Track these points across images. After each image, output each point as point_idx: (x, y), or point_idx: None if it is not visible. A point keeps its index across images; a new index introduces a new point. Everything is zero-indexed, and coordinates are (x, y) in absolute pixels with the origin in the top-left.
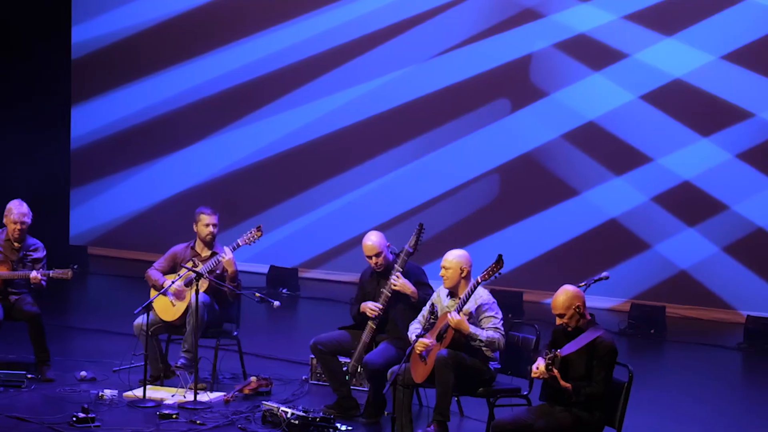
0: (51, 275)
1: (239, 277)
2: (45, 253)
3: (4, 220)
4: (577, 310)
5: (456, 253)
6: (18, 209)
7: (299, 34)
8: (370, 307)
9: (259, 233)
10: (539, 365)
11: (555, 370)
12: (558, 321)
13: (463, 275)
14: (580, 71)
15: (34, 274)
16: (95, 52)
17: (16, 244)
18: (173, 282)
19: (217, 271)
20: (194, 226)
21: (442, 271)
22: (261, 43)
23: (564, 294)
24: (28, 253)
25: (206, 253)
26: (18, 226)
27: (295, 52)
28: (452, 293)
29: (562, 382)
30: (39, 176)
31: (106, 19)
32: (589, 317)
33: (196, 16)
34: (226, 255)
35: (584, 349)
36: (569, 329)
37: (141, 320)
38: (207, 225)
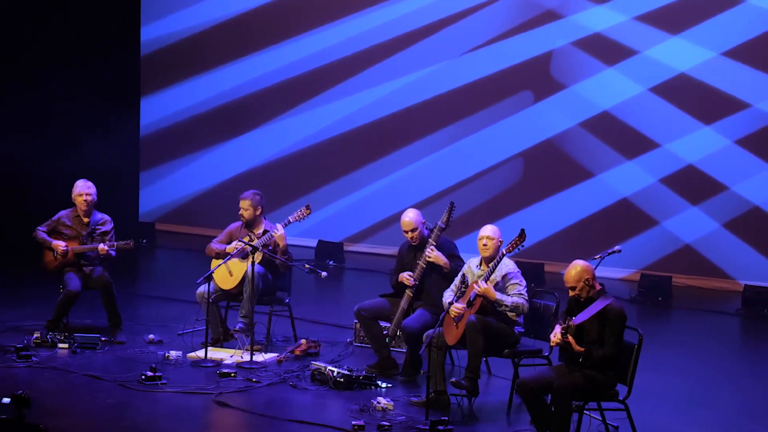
0: (116, 246)
1: (290, 251)
2: (113, 226)
3: (72, 197)
4: (587, 282)
5: (495, 227)
6: (83, 185)
7: (346, 32)
8: (407, 277)
9: (308, 211)
10: (556, 333)
11: (570, 337)
12: (570, 293)
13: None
14: (596, 66)
15: (101, 246)
16: (161, 49)
17: (84, 219)
18: (231, 255)
19: (270, 246)
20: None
21: (486, 241)
22: (312, 41)
23: (574, 269)
24: (96, 227)
25: (260, 228)
26: (83, 198)
27: (343, 48)
28: (482, 263)
29: (577, 347)
30: (112, 160)
31: (171, 20)
32: (599, 287)
33: (253, 16)
34: (278, 231)
35: (596, 317)
36: (582, 299)
37: (203, 289)
38: (240, 209)
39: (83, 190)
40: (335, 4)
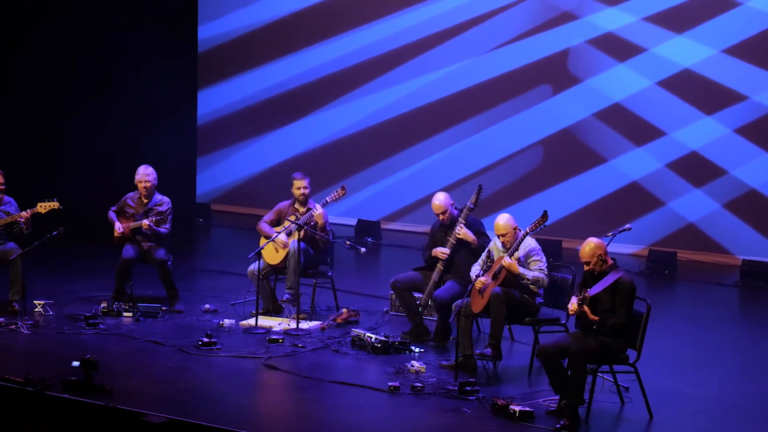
0: (154, 220)
1: (330, 227)
2: (170, 206)
3: (135, 182)
4: (600, 257)
5: (506, 222)
6: (144, 171)
7: (383, 32)
8: (440, 251)
9: (343, 192)
10: (573, 303)
11: (585, 307)
12: (585, 267)
13: (516, 228)
14: (608, 62)
15: (145, 222)
16: (217, 46)
17: (145, 200)
18: (278, 233)
19: (312, 223)
20: (291, 188)
21: (502, 239)
22: (352, 39)
23: (588, 246)
24: (154, 207)
25: (303, 209)
26: (144, 184)
27: (380, 46)
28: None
29: (591, 316)
30: (172, 148)
31: (225, 21)
32: (611, 262)
33: (299, 17)
34: (317, 210)
35: (609, 288)
36: (595, 273)
37: (253, 267)
38: (299, 188)
39: (143, 176)
40: (373, 6)
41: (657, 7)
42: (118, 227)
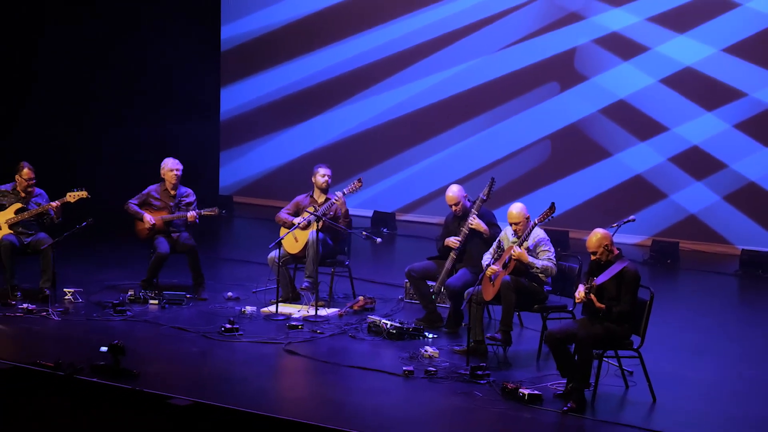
0: (203, 213)
1: (350, 215)
2: (195, 197)
3: (162, 173)
4: (606, 248)
5: (520, 211)
6: (173, 163)
7: (398, 31)
8: (454, 240)
9: (360, 184)
10: (580, 291)
11: (592, 295)
12: (592, 257)
13: (528, 217)
14: (613, 60)
15: (191, 214)
16: (238, 46)
17: (172, 191)
18: (298, 224)
19: (330, 213)
20: (312, 177)
21: (514, 227)
22: (368, 38)
23: (594, 236)
24: (181, 198)
25: (321, 198)
26: (173, 173)
27: (396, 45)
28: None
29: (598, 304)
30: (196, 142)
31: (246, 21)
32: (616, 252)
33: (318, 17)
34: (339, 197)
35: (614, 277)
36: (602, 262)
37: (273, 254)
38: (323, 175)
39: (173, 166)
40: (388, 7)
41: (660, 8)
42: (150, 219)
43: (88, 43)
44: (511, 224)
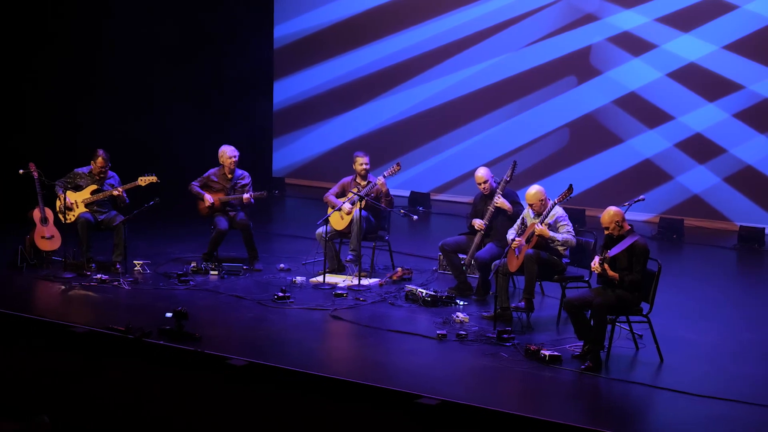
0: (254, 195)
1: (390, 195)
2: (250, 179)
3: (220, 159)
4: (618, 223)
5: (537, 192)
6: (231, 149)
7: (433, 30)
8: (479, 222)
9: (398, 168)
10: (595, 263)
11: (606, 265)
12: (606, 232)
13: (543, 199)
14: (625, 57)
15: (245, 196)
16: (291, 43)
17: (229, 175)
18: (344, 202)
19: (372, 194)
20: (353, 164)
21: (530, 207)
22: (407, 36)
23: (607, 213)
24: (237, 181)
25: (363, 182)
26: (232, 160)
27: (431, 42)
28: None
29: (611, 273)
30: (252, 130)
31: (297, 21)
32: (628, 227)
33: (363, 17)
34: (380, 180)
35: (626, 250)
36: (614, 237)
37: (321, 230)
38: (361, 164)
39: (231, 153)
40: (425, 8)
41: (667, 9)
42: (209, 198)
43: (154, 37)
44: (528, 205)
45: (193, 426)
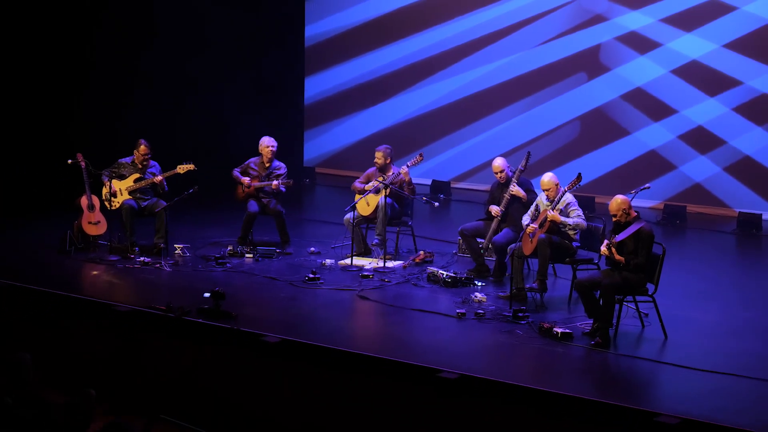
0: (282, 183)
1: (413, 184)
2: (286, 170)
3: (260, 149)
4: (625, 210)
5: (550, 180)
6: (269, 141)
7: (454, 29)
8: (495, 209)
9: (421, 158)
10: (603, 247)
11: (613, 249)
12: (613, 219)
13: (557, 183)
14: (631, 54)
15: (274, 183)
16: (321, 42)
17: (267, 164)
18: (369, 190)
19: (396, 183)
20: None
21: (546, 192)
22: (430, 35)
23: (615, 202)
24: (274, 170)
25: (389, 172)
26: (270, 149)
27: (453, 40)
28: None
29: (618, 257)
30: (284, 123)
31: (327, 21)
32: (634, 214)
33: (388, 17)
34: (404, 170)
35: (633, 235)
36: (622, 223)
37: (349, 216)
38: (378, 158)
39: (269, 143)
40: (445, 9)
41: (671, 10)
42: (247, 180)
43: (190, 35)
44: (543, 190)
45: (232, 400)
